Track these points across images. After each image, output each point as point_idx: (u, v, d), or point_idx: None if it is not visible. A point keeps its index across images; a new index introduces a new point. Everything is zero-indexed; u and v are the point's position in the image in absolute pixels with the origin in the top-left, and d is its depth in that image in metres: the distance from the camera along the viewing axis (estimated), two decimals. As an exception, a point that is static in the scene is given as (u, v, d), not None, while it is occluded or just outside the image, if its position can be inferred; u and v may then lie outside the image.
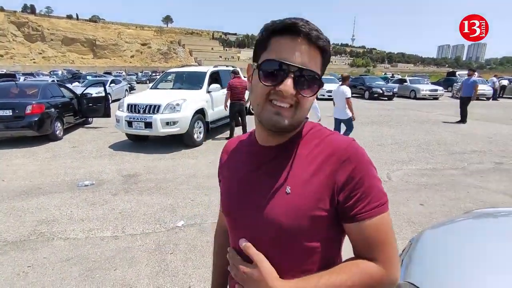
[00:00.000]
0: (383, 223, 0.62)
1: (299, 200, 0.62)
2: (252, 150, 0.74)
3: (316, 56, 0.61)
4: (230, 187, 0.76)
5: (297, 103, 0.61)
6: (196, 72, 8.05)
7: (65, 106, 7.85)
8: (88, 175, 4.81)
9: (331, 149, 0.64)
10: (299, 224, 0.62)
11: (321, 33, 0.61)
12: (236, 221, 0.73)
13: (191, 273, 2.45)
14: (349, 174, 0.61)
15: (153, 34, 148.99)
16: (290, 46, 0.60)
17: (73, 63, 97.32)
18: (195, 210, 3.59)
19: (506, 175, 4.74)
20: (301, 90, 0.60)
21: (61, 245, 2.86)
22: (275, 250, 0.65)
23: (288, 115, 0.61)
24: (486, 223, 1.60)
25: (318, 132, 0.70)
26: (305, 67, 0.60)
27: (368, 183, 0.62)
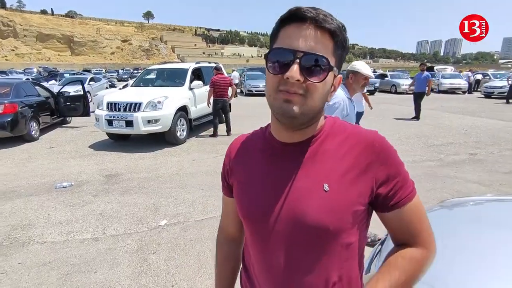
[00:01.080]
0: (419, 204, 0.66)
1: (340, 197, 0.61)
2: (270, 148, 0.69)
3: (325, 40, 0.58)
4: (252, 191, 0.70)
5: (307, 91, 0.58)
6: (177, 68, 7.92)
7: (41, 105, 7.53)
8: (66, 176, 4.66)
9: (362, 143, 0.64)
10: (341, 221, 0.61)
11: (330, 17, 0.58)
12: (263, 227, 0.67)
13: (174, 272, 2.43)
14: (386, 166, 0.63)
15: (134, 30, 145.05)
16: (296, 32, 0.58)
17: (50, 61, 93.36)
18: (178, 209, 3.55)
19: (479, 165, 4.96)
20: (308, 76, 0.57)
21: (37, 250, 2.76)
22: (314, 251, 0.63)
23: (298, 103, 0.58)
24: (457, 212, 1.66)
25: (341, 126, 0.68)
26: (311, 51, 0.57)
27: (402, 171, 0.64)
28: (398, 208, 0.64)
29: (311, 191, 0.62)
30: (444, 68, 26.22)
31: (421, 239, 0.65)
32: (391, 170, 0.63)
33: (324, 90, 0.61)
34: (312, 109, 0.61)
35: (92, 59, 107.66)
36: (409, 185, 0.65)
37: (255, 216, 0.68)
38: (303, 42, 0.57)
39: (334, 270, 0.64)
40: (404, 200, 0.63)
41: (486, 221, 1.48)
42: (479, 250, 1.21)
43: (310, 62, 0.57)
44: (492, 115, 10.01)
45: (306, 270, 0.64)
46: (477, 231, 1.37)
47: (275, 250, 0.66)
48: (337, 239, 0.62)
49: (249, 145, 0.75)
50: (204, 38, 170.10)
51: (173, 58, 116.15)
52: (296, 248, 0.64)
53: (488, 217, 1.54)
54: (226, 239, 0.87)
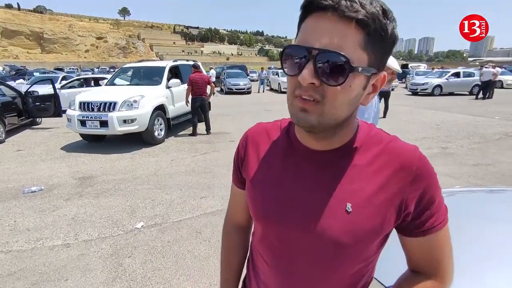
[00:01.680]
0: (446, 235, 0.60)
1: (362, 221, 0.55)
2: (292, 150, 0.63)
3: (348, 33, 0.46)
4: (267, 193, 0.63)
5: (324, 96, 0.49)
6: (154, 67, 7.70)
7: (6, 105, 7.10)
8: (36, 180, 4.41)
9: (398, 162, 0.56)
10: (360, 244, 0.57)
11: (360, 2, 0.46)
12: (275, 232, 0.63)
13: (150, 276, 2.36)
14: (422, 192, 0.55)
15: (109, 27, 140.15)
16: (313, 25, 0.48)
17: (18, 58, 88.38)
18: (155, 210, 3.45)
19: (450, 159, 5.19)
20: (325, 79, 0.48)
21: (1, 259, 2.59)
22: (323, 265, 0.60)
23: (315, 112, 0.50)
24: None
25: (376, 137, 0.59)
26: (327, 49, 0.47)
27: (438, 198, 0.57)
28: (425, 236, 0.58)
29: (332, 209, 0.56)
30: (418, 66, 27.31)
31: (440, 270, 0.61)
32: (425, 196, 0.55)
33: (349, 95, 0.50)
34: (333, 118, 0.51)
35: (64, 57, 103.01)
36: (442, 213, 0.58)
37: (269, 220, 0.63)
38: (322, 36, 0.47)
39: (341, 284, 0.62)
40: (434, 229, 0.57)
41: (456, 212, 1.53)
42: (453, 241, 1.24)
43: (326, 62, 0.47)
44: (462, 110, 10.51)
45: (310, 281, 0.62)
46: (450, 223, 1.42)
47: (284, 256, 0.63)
48: (349, 258, 0.59)
49: (270, 140, 0.67)
50: (183, 35, 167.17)
51: (152, 56, 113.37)
52: (305, 259, 0.61)
53: (458, 208, 1.59)
54: (234, 227, 0.82)
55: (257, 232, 0.69)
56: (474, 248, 1.16)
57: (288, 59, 0.51)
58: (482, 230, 1.28)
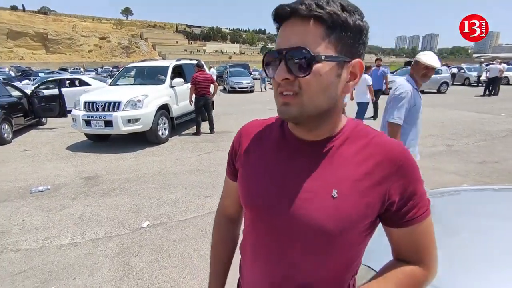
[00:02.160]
0: (429, 226, 0.63)
1: (347, 206, 0.58)
2: (285, 141, 0.67)
3: (309, 30, 0.53)
4: (259, 181, 0.67)
5: (300, 88, 0.55)
6: (158, 66, 7.73)
7: (13, 106, 7.18)
8: (42, 180, 4.46)
9: (382, 154, 0.60)
10: (344, 229, 0.59)
11: (316, 2, 0.53)
12: (264, 220, 0.66)
13: (157, 275, 2.38)
14: (404, 183, 0.59)
15: (112, 27, 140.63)
16: (283, 31, 0.56)
17: (23, 59, 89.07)
18: (161, 209, 3.47)
19: (456, 156, 5.15)
20: (295, 72, 0.54)
21: (11, 258, 2.63)
22: (310, 251, 0.62)
23: (296, 104, 0.56)
24: (436, 203, 1.70)
25: (363, 131, 0.64)
26: (291, 46, 0.54)
27: (420, 189, 0.61)
28: (408, 226, 0.61)
29: (319, 195, 0.60)
30: (422, 63, 27.01)
31: (425, 259, 0.64)
32: (408, 187, 0.59)
33: (322, 83, 0.55)
34: (313, 107, 0.57)
35: (68, 57, 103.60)
36: (424, 204, 0.61)
37: (259, 207, 0.67)
38: (288, 39, 0.55)
39: (326, 271, 0.64)
40: (417, 219, 0.61)
41: (464, 211, 1.52)
42: (457, 240, 1.24)
43: (292, 57, 0.54)
44: (467, 108, 10.42)
45: (297, 267, 0.64)
46: (455, 221, 1.41)
47: (272, 242, 0.66)
48: (336, 244, 0.61)
49: (264, 133, 0.72)
50: (186, 35, 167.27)
51: (154, 56, 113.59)
52: (292, 245, 0.63)
53: (466, 207, 1.58)
54: (225, 219, 0.86)
55: (246, 222, 0.73)
56: (483, 247, 1.16)
57: (267, 64, 0.60)
58: (491, 228, 1.27)
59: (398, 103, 2.14)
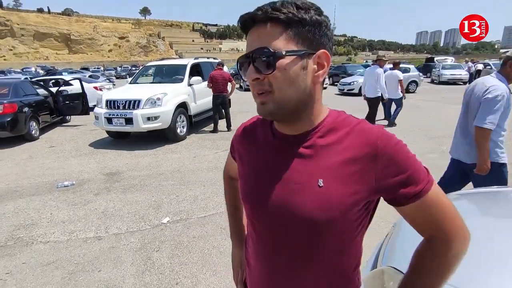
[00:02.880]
0: (436, 196, 0.63)
1: (333, 194, 0.60)
2: (272, 137, 0.70)
3: (269, 30, 0.58)
4: (251, 177, 0.72)
5: (271, 85, 0.59)
6: (176, 65, 7.86)
7: (40, 104, 7.51)
8: (67, 175, 4.65)
9: (363, 140, 0.61)
10: (333, 218, 0.61)
11: (271, 5, 0.58)
12: (258, 214, 0.70)
13: (178, 270, 2.43)
14: (389, 165, 0.60)
15: (131, 27, 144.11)
16: (249, 38, 0.61)
17: (47, 59, 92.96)
18: (180, 206, 3.54)
19: (482, 156, 4.93)
20: (261, 70, 0.58)
21: (41, 249, 2.76)
22: (303, 242, 0.64)
23: (270, 101, 0.60)
24: (463, 204, 1.65)
25: (345, 120, 0.66)
26: (255, 48, 0.59)
27: (409, 167, 0.61)
28: (413, 203, 0.61)
29: (306, 186, 0.62)
30: (445, 59, 26.04)
31: (443, 228, 0.63)
32: (396, 168, 0.60)
33: (289, 76, 0.58)
34: (287, 101, 0.60)
35: (89, 57, 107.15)
36: (421, 178, 0.61)
37: (251, 202, 0.71)
38: (252, 43, 0.60)
39: (324, 262, 0.65)
40: (418, 195, 0.61)
41: (487, 212, 1.46)
42: (481, 243, 1.19)
43: (257, 58, 0.58)
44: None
45: (294, 259, 0.66)
46: (487, 223, 1.36)
47: (267, 236, 0.69)
48: (327, 233, 0.62)
49: (257, 130, 0.76)
50: (202, 33, 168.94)
51: (171, 54, 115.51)
52: (286, 237, 0.65)
53: (489, 208, 1.52)
54: (228, 176, 1.01)
55: (246, 218, 0.77)
56: (505, 249, 1.11)
57: (240, 69, 0.64)
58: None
59: (493, 107, 1.94)
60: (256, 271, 0.75)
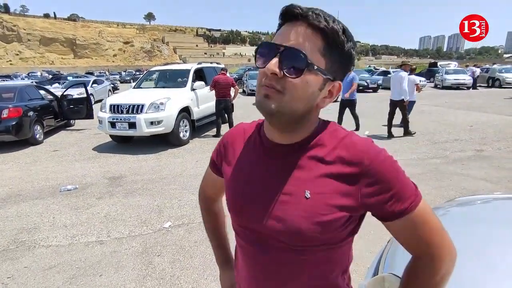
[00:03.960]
0: (423, 214, 0.61)
1: (320, 205, 0.60)
2: (262, 145, 0.69)
3: (313, 38, 0.56)
4: (238, 186, 0.71)
5: (284, 88, 0.57)
6: (179, 69, 7.92)
7: (45, 108, 7.58)
8: (71, 179, 4.67)
9: (350, 154, 0.61)
10: (319, 229, 0.60)
11: (327, 17, 0.57)
12: (245, 223, 0.70)
13: (179, 275, 2.42)
14: (375, 180, 0.59)
15: (135, 32, 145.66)
16: (286, 29, 0.58)
17: (53, 64, 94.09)
18: (182, 211, 3.54)
19: (486, 162, 4.89)
20: (286, 71, 0.56)
21: (43, 253, 2.77)
22: (291, 254, 0.64)
23: (276, 100, 0.58)
24: (466, 211, 1.63)
25: (334, 132, 0.65)
26: (292, 46, 0.56)
27: (397, 183, 0.60)
28: (397, 219, 0.61)
29: (293, 197, 0.62)
30: (448, 64, 25.98)
31: (430, 248, 0.62)
32: (380, 186, 0.59)
33: (306, 90, 0.58)
34: (290, 109, 0.59)
35: (94, 61, 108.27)
36: (408, 196, 0.60)
37: (238, 211, 0.70)
38: (289, 37, 0.57)
39: (310, 272, 0.65)
40: (404, 212, 0.60)
41: (498, 220, 1.44)
42: (491, 250, 1.17)
43: (289, 57, 0.56)
44: (498, 111, 9.89)
45: (281, 267, 0.66)
46: (488, 230, 1.34)
47: (255, 246, 0.68)
48: (314, 243, 0.62)
49: (244, 137, 0.75)
50: (206, 38, 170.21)
51: (175, 59, 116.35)
52: (273, 248, 0.65)
53: (499, 216, 1.50)
54: (203, 195, 0.96)
55: (233, 227, 0.76)
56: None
57: (260, 54, 0.60)
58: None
59: None
60: (244, 278, 0.75)
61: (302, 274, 0.65)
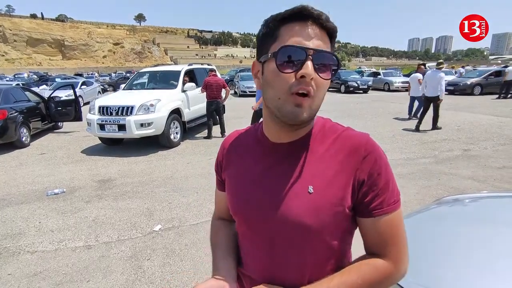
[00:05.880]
0: (397, 220, 0.63)
1: (323, 199, 0.61)
2: (262, 147, 0.71)
3: (326, 39, 0.60)
4: (240, 187, 0.72)
5: (314, 91, 0.58)
6: (170, 71, 7.84)
7: (31, 110, 7.40)
8: (58, 183, 4.57)
9: (351, 146, 0.63)
10: (323, 223, 0.62)
11: (328, 19, 0.60)
12: (249, 223, 0.70)
13: (169, 279, 2.38)
14: (369, 170, 0.61)
15: (125, 33, 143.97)
16: (302, 30, 0.58)
17: (41, 65, 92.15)
18: (172, 213, 3.49)
19: (473, 161, 4.98)
20: (320, 73, 0.58)
21: (28, 259, 2.69)
22: (296, 250, 0.65)
23: (307, 106, 0.58)
24: (454, 210, 1.65)
25: (332, 128, 0.68)
26: (323, 50, 0.58)
27: (385, 180, 0.62)
28: (373, 217, 0.63)
29: (297, 192, 0.63)
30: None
31: (391, 254, 0.63)
32: (372, 176, 0.61)
33: (325, 89, 0.61)
34: (316, 110, 0.62)
35: (84, 63, 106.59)
36: (391, 197, 0.63)
37: (244, 212, 0.70)
38: (312, 40, 0.57)
39: (314, 268, 0.66)
40: (379, 211, 0.62)
41: (484, 218, 1.46)
42: (478, 249, 1.19)
43: (321, 60, 0.58)
44: (485, 111, 10.11)
45: (286, 265, 0.66)
46: (475, 229, 1.36)
47: (262, 244, 0.68)
48: (318, 238, 0.63)
49: (242, 142, 0.76)
50: (197, 39, 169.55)
51: (166, 60, 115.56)
52: (279, 244, 0.66)
53: (486, 214, 1.52)
54: (219, 219, 0.88)
55: (237, 227, 0.77)
56: (505, 256, 1.10)
57: (284, 59, 0.57)
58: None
59: None
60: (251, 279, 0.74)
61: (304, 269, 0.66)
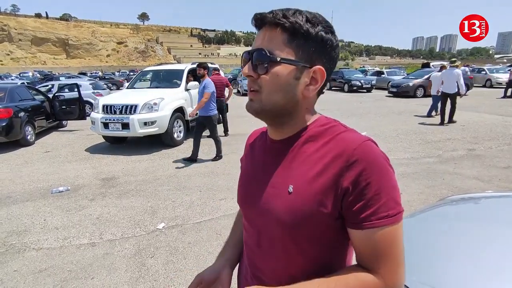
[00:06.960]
0: (391, 236, 0.57)
1: (299, 201, 0.61)
2: (263, 144, 0.75)
3: (276, 34, 0.60)
4: (243, 182, 0.78)
5: (260, 86, 0.62)
6: (173, 70, 7.86)
7: (36, 109, 7.47)
8: (63, 181, 4.60)
9: (339, 149, 0.59)
10: (298, 224, 0.61)
11: (284, 12, 0.60)
12: (245, 216, 0.76)
13: (172, 277, 2.39)
14: (354, 179, 0.56)
15: (129, 32, 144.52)
16: (257, 36, 0.64)
17: (45, 64, 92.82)
18: (176, 211, 3.51)
19: (478, 161, 4.95)
20: (256, 70, 0.62)
21: (33, 256, 2.71)
22: (277, 249, 0.66)
23: (257, 100, 0.63)
24: (459, 209, 1.64)
25: (332, 129, 0.64)
26: (257, 47, 0.62)
27: (376, 190, 0.56)
28: (361, 230, 0.57)
29: (278, 191, 0.65)
30: (440, 64, 26.27)
31: (382, 271, 0.57)
32: (359, 184, 0.56)
33: (278, 82, 0.61)
34: (271, 103, 0.62)
35: (87, 61, 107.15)
36: (383, 210, 0.56)
37: (241, 203, 0.77)
38: (257, 42, 0.63)
39: (298, 265, 0.65)
40: (368, 224, 0.56)
41: (488, 218, 1.45)
42: (482, 249, 1.18)
43: (256, 57, 0.62)
44: (489, 110, 10.03)
45: (273, 258, 0.68)
46: (480, 228, 1.35)
47: (253, 235, 0.72)
48: (296, 242, 0.63)
49: (256, 139, 0.81)
50: (200, 38, 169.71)
51: (169, 59, 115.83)
52: (264, 240, 0.69)
53: (490, 214, 1.51)
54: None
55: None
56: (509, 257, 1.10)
57: (243, 62, 0.67)
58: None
59: None
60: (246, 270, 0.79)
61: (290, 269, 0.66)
